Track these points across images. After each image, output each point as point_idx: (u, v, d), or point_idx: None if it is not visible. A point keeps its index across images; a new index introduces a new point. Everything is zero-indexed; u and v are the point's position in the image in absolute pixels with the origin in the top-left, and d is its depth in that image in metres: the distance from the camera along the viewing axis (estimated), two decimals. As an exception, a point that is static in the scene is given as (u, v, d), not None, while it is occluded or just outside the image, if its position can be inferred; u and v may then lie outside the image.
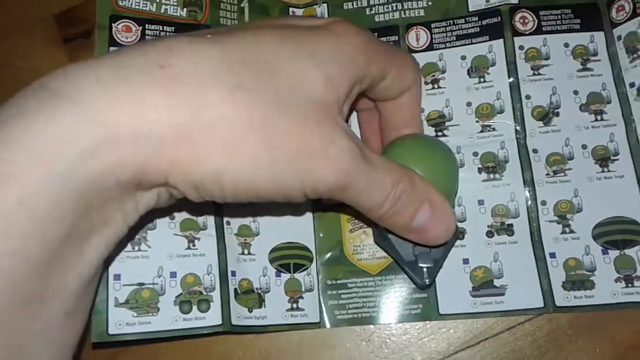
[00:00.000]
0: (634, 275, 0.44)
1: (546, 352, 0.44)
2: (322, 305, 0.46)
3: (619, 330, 0.44)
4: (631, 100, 0.46)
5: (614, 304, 0.43)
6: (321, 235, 0.47)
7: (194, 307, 0.42)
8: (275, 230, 0.47)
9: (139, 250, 0.42)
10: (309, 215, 0.48)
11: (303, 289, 0.46)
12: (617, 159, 0.46)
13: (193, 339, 0.44)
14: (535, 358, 0.44)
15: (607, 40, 0.48)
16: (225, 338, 0.45)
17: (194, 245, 0.44)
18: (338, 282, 0.47)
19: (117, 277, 0.41)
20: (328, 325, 0.46)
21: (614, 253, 0.44)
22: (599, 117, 0.47)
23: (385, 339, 0.45)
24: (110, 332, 0.40)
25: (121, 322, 0.40)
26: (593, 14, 0.48)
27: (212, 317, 0.42)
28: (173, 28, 0.47)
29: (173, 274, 0.43)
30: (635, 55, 0.46)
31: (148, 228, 0.43)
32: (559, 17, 0.48)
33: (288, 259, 0.46)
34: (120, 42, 0.46)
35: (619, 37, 0.47)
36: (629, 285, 0.44)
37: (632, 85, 0.46)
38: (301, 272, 0.46)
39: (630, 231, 0.45)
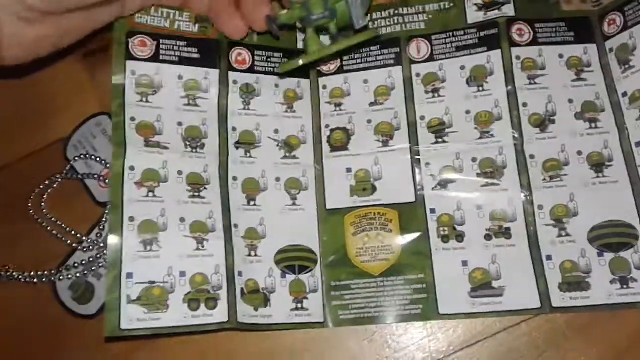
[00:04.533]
0: (629, 277, 0.45)
1: (544, 351, 0.45)
2: (326, 305, 0.48)
3: (615, 331, 0.45)
4: (624, 109, 0.48)
5: (609, 305, 0.45)
6: (325, 238, 0.49)
7: (202, 305, 0.44)
8: (281, 234, 0.49)
9: (151, 250, 0.44)
10: (314, 220, 0.50)
11: (307, 290, 0.48)
12: (612, 165, 0.47)
13: (201, 334, 0.46)
14: (532, 358, 0.45)
15: (599, 52, 0.50)
16: (233, 335, 0.47)
17: (202, 247, 0.46)
18: (341, 283, 0.48)
19: (129, 275, 0.43)
20: (331, 325, 0.47)
21: (609, 256, 0.46)
22: (593, 125, 0.48)
23: (387, 338, 0.47)
24: (122, 327, 0.42)
25: (133, 318, 0.42)
26: (586, 27, 0.50)
27: (219, 315, 0.44)
28: (185, 42, 0.50)
29: (182, 274, 0.45)
30: (626, 66, 0.48)
31: (160, 229, 0.45)
32: (554, 29, 0.50)
33: (293, 260, 0.48)
34: (136, 56, 0.48)
35: (611, 50, 0.49)
36: (624, 286, 0.45)
37: (624, 94, 0.48)
38: (306, 273, 0.48)
39: (624, 234, 0.46)
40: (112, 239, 0.44)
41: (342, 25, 0.46)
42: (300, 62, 0.45)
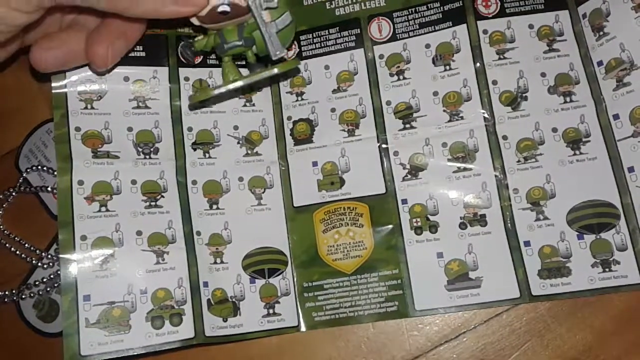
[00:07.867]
0: (610, 259, 0.43)
1: (526, 342, 0.43)
2: (299, 308, 0.46)
3: (599, 316, 0.43)
4: (600, 79, 0.45)
5: (591, 290, 0.43)
6: (295, 238, 0.47)
7: (166, 322, 0.42)
8: (248, 237, 0.46)
9: (107, 269, 0.42)
10: (281, 219, 0.47)
11: (279, 294, 0.46)
12: (589, 141, 0.45)
13: (170, 352, 0.44)
14: (514, 348, 0.43)
15: (572, 19, 0.46)
16: (207, 348, 0.45)
17: (163, 260, 0.43)
18: (314, 284, 0.46)
19: (86, 297, 0.41)
20: (305, 328, 0.45)
21: (589, 238, 0.43)
22: (568, 99, 0.46)
23: (364, 338, 0.45)
24: (82, 353, 0.40)
25: (93, 342, 0.41)
26: (557, -9, 0.47)
27: (185, 331, 0.42)
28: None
29: (143, 291, 0.42)
30: (601, 33, 0.45)
31: (115, 245, 0.43)
32: (522, -3, 0.47)
33: (262, 264, 0.46)
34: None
35: (584, 15, 0.46)
36: (606, 270, 0.43)
37: (600, 63, 0.45)
38: (276, 276, 0.46)
39: (605, 214, 0.44)
40: (65, 260, 0.42)
41: (263, 54, 0.42)
42: (215, 92, 0.42)
